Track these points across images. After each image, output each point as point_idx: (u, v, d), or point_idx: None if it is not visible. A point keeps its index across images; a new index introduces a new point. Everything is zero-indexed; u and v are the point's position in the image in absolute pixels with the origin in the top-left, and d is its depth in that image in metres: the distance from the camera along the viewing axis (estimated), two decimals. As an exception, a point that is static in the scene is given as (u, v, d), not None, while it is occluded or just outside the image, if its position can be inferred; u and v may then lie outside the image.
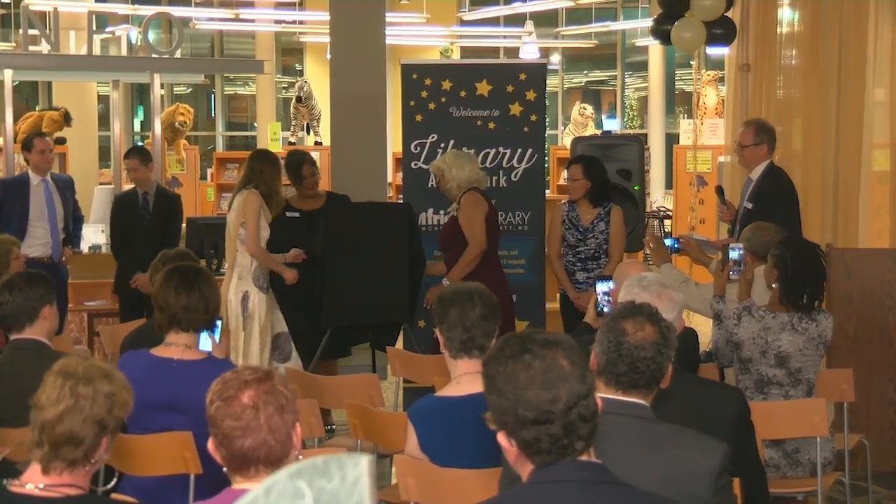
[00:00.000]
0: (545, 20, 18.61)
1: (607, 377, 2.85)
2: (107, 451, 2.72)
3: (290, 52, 20.84)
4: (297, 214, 7.07)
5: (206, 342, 4.08)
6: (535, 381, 2.17)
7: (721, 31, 8.67)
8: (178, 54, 10.95)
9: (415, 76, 7.77)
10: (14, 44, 14.78)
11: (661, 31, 8.86)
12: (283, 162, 7.17)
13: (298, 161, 7.24)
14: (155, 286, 4.16)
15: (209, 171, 15.23)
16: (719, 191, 7.12)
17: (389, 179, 13.45)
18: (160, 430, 3.92)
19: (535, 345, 2.21)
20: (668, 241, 6.36)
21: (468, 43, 18.41)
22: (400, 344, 7.55)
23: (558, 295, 7.31)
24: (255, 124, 19.42)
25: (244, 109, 21.86)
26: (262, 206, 6.56)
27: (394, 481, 4.65)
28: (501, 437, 2.21)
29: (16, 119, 12.31)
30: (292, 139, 14.84)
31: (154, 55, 10.35)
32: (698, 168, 12.50)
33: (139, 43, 12.60)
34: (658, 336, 2.86)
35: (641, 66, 18.90)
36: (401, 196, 8.49)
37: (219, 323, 4.21)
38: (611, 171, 7.69)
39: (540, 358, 2.19)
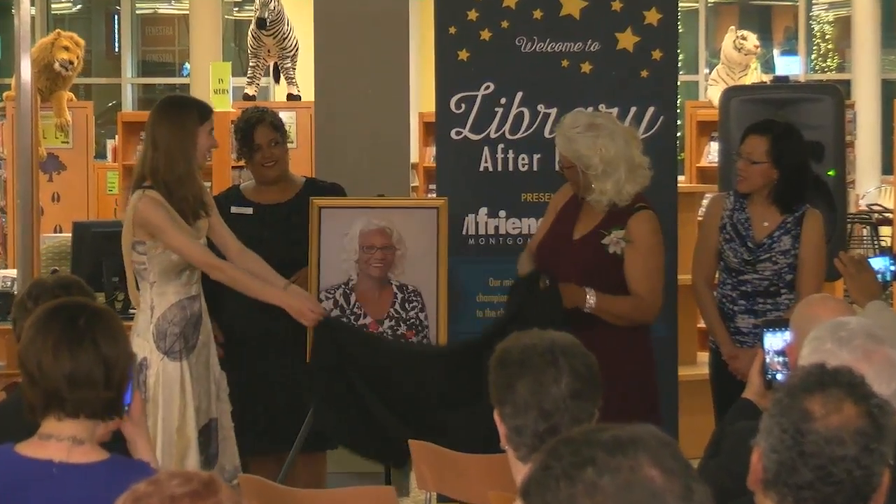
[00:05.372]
0: None
1: (780, 491, 2.88)
2: None
3: (246, -55, 21.03)
4: (249, 210, 7.11)
5: None
6: None
7: None
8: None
9: (457, -14, 7.82)
10: None
11: None
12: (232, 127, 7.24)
13: (250, 123, 7.32)
14: (21, 341, 4.12)
15: (110, 143, 15.32)
16: None
17: (414, 159, 13.48)
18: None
19: (600, 450, 2.23)
20: (878, 262, 6.30)
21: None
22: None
23: (708, 353, 7.27)
24: (188, 65, 19.56)
25: (169, 41, 22.04)
26: (167, 209, 6.32)
27: None
28: None
29: None
30: (250, 90, 14.92)
31: (20, -49, 10.48)
32: (937, 140, 12.51)
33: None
34: (866, 423, 2.89)
35: (840, -32, 18.93)
36: (432, 187, 8.53)
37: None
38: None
39: (610, 471, 2.21)
